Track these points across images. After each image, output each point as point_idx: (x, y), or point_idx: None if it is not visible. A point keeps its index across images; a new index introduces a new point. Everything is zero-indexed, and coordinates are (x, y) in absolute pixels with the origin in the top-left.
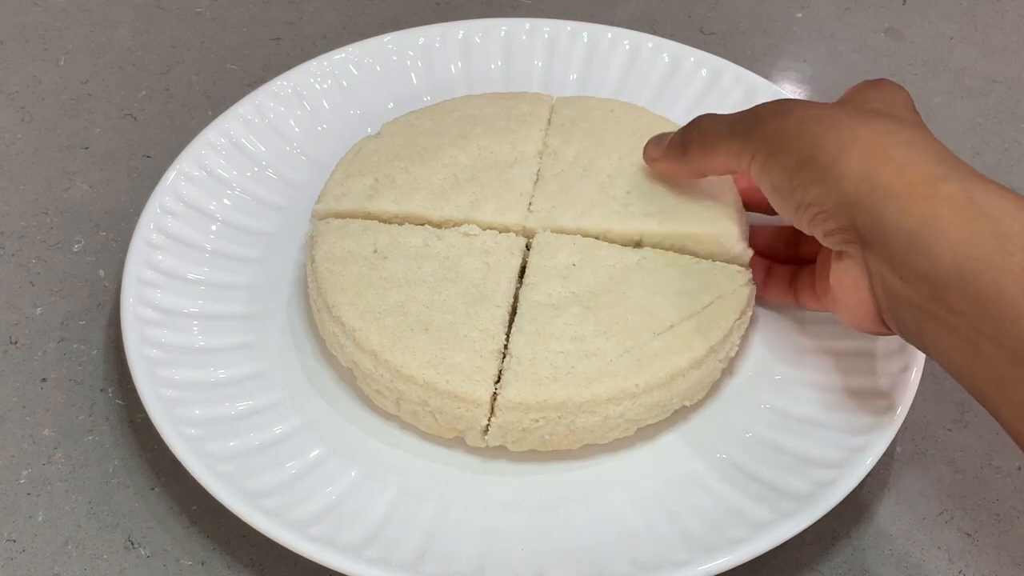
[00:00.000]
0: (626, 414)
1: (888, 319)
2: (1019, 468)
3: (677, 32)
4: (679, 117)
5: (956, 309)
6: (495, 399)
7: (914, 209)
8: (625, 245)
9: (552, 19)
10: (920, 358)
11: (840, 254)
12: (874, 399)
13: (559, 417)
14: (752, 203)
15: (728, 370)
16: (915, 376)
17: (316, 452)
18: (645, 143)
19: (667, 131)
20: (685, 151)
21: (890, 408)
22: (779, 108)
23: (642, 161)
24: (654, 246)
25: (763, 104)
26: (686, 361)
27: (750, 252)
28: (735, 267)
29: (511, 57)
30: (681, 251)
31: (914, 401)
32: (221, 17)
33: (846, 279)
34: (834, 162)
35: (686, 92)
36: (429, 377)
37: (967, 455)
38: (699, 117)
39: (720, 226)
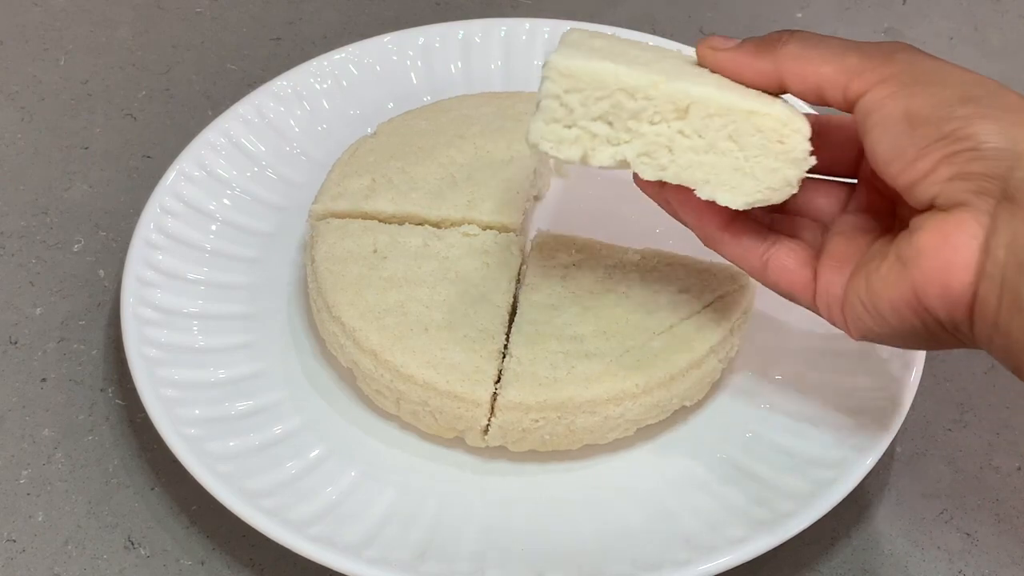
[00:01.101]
0: (626, 414)
1: (985, 288)
2: (1019, 468)
3: (677, 32)
4: None
5: None
6: (495, 399)
7: None
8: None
9: (552, 19)
10: (920, 358)
11: (953, 207)
12: (874, 399)
13: (559, 417)
14: None
15: (728, 370)
16: (915, 376)
17: (316, 452)
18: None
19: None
20: (773, 47)
21: (890, 408)
22: (915, 49)
23: None
24: (705, 118)
25: (884, 42)
26: (686, 361)
27: (813, 160)
28: (735, 268)
29: (511, 57)
30: (734, 137)
31: (914, 401)
32: (221, 17)
33: (948, 234)
34: (1015, 108)
35: None
36: (429, 377)
37: (967, 455)
38: (789, 30)
39: (786, 111)
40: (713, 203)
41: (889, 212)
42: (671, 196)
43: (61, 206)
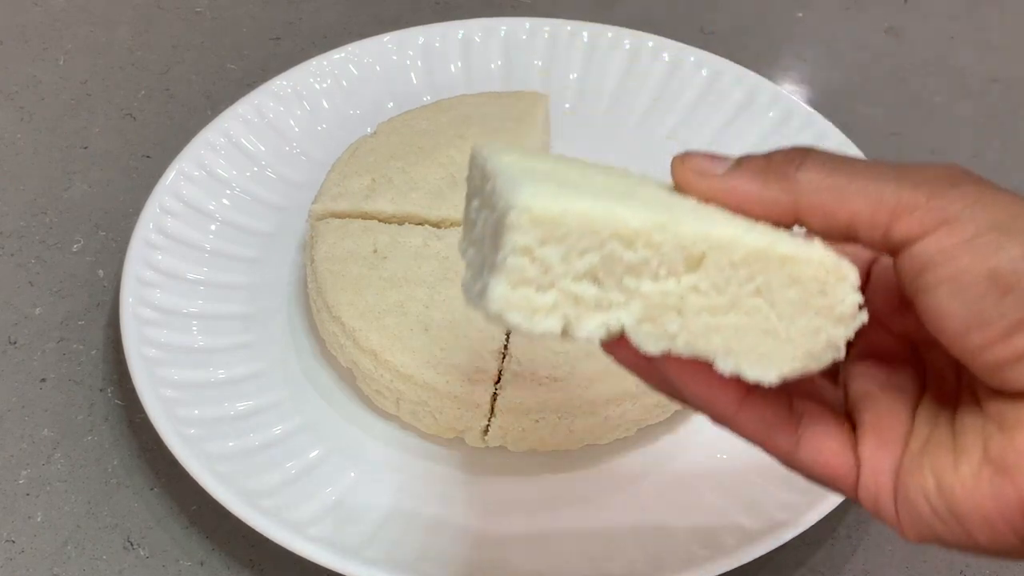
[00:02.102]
0: (626, 414)
1: None
2: None
3: (677, 32)
4: (680, 116)
5: None
6: (495, 399)
7: None
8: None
9: (552, 18)
10: None
11: None
12: None
13: (559, 418)
14: None
15: None
16: None
17: (316, 452)
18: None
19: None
20: (785, 173)
21: None
22: (977, 177)
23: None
24: (725, 269)
25: (931, 165)
26: None
27: (864, 316)
28: None
29: (511, 57)
30: (763, 291)
31: None
32: (221, 17)
33: None
34: None
35: (686, 91)
36: (429, 377)
37: None
38: (802, 147)
39: (827, 254)
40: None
41: (918, 360)
42: (672, 371)
43: (60, 206)
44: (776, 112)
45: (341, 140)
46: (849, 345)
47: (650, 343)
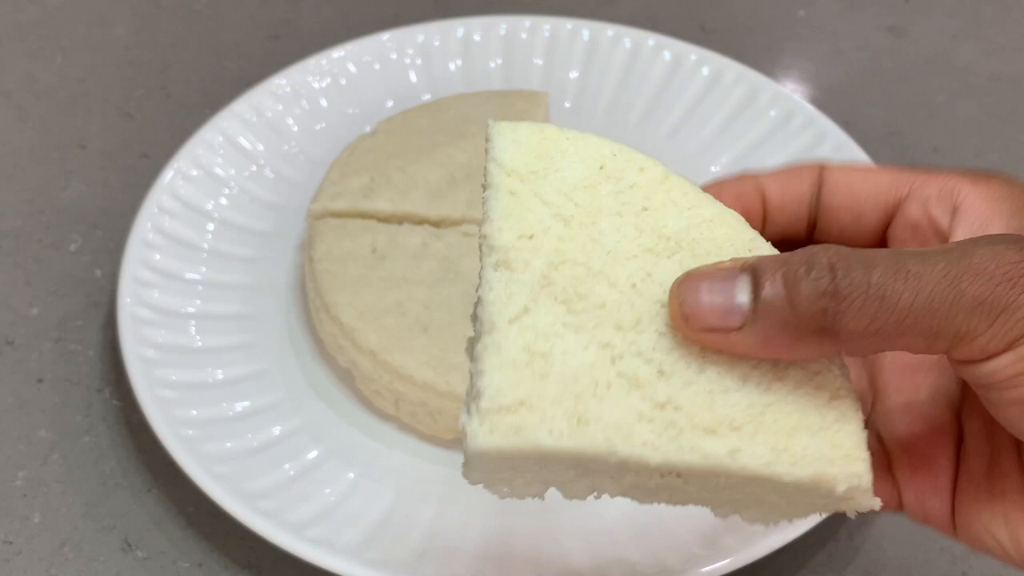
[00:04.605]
0: None
1: None
2: None
3: (678, 30)
4: (680, 115)
5: None
6: None
7: None
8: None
9: (553, 16)
10: None
11: None
12: None
13: None
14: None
15: None
16: None
17: (314, 453)
18: (673, 289)
19: (718, 259)
20: (824, 326)
21: None
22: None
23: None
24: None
25: (975, 243)
26: None
27: (877, 502)
28: None
29: (511, 55)
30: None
31: None
32: (218, 15)
33: None
34: None
35: (687, 90)
36: (428, 378)
37: None
38: (825, 250)
39: (842, 445)
40: None
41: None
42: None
43: (57, 205)
44: (777, 111)
45: (340, 139)
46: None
47: (643, 499)
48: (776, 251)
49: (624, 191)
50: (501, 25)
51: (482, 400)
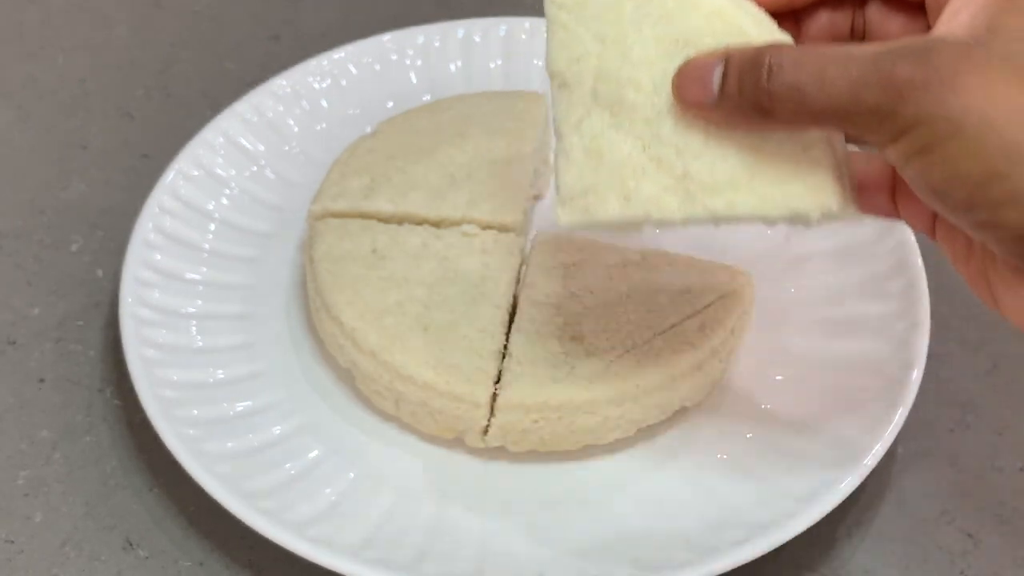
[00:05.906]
0: (626, 415)
1: None
2: (1021, 469)
3: None
4: None
5: None
6: (495, 399)
7: None
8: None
9: None
10: (921, 358)
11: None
12: (875, 399)
13: (559, 417)
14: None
15: (728, 370)
16: (916, 376)
17: (315, 453)
18: (673, 77)
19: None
20: (765, 110)
21: (891, 408)
22: (926, 64)
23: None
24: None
25: (897, 49)
26: (687, 361)
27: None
28: (736, 267)
29: (511, 56)
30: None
31: (917, 401)
32: (219, 16)
33: None
34: None
35: None
36: (428, 378)
37: (969, 455)
38: (776, 48)
39: (815, 186)
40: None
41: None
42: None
43: (58, 206)
44: None
45: (340, 139)
46: None
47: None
48: (770, 34)
49: (643, 5)
50: (501, 26)
51: (560, 193)
